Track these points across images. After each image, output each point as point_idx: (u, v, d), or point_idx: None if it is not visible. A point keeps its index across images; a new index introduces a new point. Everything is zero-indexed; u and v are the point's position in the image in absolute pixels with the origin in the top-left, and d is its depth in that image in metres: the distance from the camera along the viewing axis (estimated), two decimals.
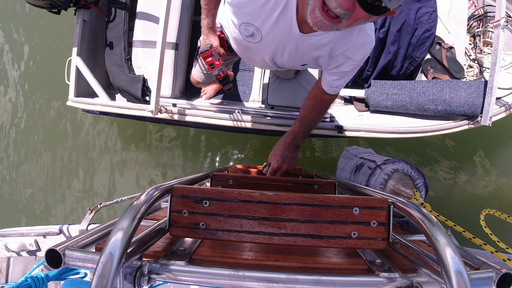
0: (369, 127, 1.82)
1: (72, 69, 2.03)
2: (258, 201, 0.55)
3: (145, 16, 2.01)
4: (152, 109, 1.75)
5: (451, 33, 1.93)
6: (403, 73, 1.94)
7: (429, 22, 1.80)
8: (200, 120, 1.91)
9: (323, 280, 0.49)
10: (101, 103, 2.02)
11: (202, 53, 1.22)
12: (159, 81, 1.71)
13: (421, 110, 1.77)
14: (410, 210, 0.50)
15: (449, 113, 1.73)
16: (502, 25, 1.58)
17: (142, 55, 2.03)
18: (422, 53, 1.87)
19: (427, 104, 1.73)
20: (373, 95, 1.83)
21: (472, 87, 1.68)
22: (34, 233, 1.22)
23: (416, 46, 1.85)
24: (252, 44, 1.04)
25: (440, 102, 1.71)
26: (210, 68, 1.28)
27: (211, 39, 1.24)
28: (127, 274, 0.47)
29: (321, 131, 1.84)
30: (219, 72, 1.31)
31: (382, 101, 1.82)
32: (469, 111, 1.68)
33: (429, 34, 1.83)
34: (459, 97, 1.68)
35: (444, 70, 1.87)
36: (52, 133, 2.87)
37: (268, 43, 1.01)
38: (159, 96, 1.76)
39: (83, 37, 2.05)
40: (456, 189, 2.43)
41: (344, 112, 1.97)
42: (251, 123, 1.88)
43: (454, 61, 1.86)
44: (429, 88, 1.74)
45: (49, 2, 1.82)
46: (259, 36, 0.98)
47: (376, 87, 1.83)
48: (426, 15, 1.80)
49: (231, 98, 2.21)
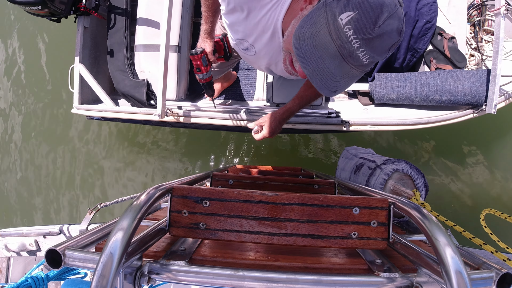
0: (375, 120, 1.82)
1: (75, 77, 2.03)
2: (258, 201, 0.55)
3: (146, 21, 2.01)
4: (159, 113, 1.75)
5: (452, 23, 1.94)
6: (406, 65, 1.94)
7: (430, 13, 1.81)
8: (206, 122, 1.91)
9: (323, 280, 0.49)
10: (106, 109, 2.01)
11: (192, 55, 1.25)
12: (165, 85, 1.71)
13: (426, 101, 1.78)
14: (410, 210, 0.50)
15: (453, 102, 1.73)
16: (503, 13, 1.59)
17: (145, 59, 2.03)
18: (424, 44, 1.88)
19: (432, 95, 1.74)
20: (377, 88, 1.83)
21: (476, 76, 1.69)
22: (34, 233, 1.22)
23: (418, 37, 1.86)
24: (248, 56, 1.07)
25: (444, 92, 1.72)
26: (197, 71, 1.31)
27: (205, 44, 1.27)
28: (127, 274, 0.47)
29: (327, 127, 1.84)
30: (203, 77, 1.34)
31: (386, 94, 1.82)
32: (473, 100, 1.69)
33: (430, 25, 1.83)
34: (463, 86, 1.69)
35: (447, 60, 1.87)
36: (53, 136, 2.86)
37: (262, 57, 1.03)
38: (165, 99, 1.76)
39: (84, 44, 2.04)
40: (456, 189, 2.43)
41: (348, 106, 1.97)
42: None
43: (456, 50, 1.86)
44: (433, 79, 1.75)
45: (49, 11, 1.80)
46: (253, 50, 1.00)
47: (380, 80, 1.84)
48: (426, 6, 1.80)
49: (235, 98, 2.21)
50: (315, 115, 1.83)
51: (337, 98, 2.09)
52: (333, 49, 0.62)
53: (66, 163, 2.85)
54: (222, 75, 1.71)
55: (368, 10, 0.58)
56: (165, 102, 1.76)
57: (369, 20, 0.58)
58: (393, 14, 0.59)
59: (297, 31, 0.65)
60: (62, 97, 2.83)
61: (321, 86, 0.67)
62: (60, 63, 2.79)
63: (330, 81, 0.66)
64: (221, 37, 1.30)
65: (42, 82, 2.91)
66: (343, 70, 0.64)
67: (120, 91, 2.04)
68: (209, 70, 1.32)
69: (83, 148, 2.83)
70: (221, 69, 1.60)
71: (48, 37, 2.93)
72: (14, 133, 2.95)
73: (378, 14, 0.58)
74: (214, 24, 1.23)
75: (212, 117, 1.90)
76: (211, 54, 1.29)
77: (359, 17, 0.58)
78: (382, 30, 0.59)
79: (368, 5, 0.58)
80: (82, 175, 2.83)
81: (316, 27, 0.63)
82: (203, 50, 1.25)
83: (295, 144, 2.65)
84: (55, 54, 2.91)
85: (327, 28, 0.61)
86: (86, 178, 2.82)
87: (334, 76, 0.65)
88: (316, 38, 0.63)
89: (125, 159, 2.78)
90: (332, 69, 0.64)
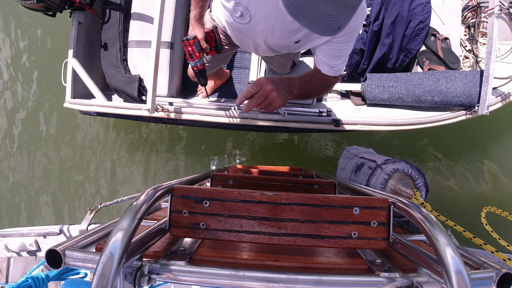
0: (366, 120, 1.82)
1: (69, 71, 2.04)
2: (258, 201, 0.55)
3: (140, 17, 2.02)
4: (148, 108, 1.76)
5: (446, 24, 1.94)
6: (398, 66, 1.94)
7: (423, 14, 1.81)
8: (197, 118, 1.91)
9: (323, 280, 0.49)
10: (98, 104, 2.02)
11: (184, 41, 1.24)
12: (155, 80, 1.72)
13: (418, 102, 1.78)
14: (410, 210, 0.50)
15: (446, 103, 1.73)
16: (496, 13, 1.59)
17: (138, 55, 2.04)
18: (417, 44, 1.88)
19: (424, 95, 1.74)
20: (370, 88, 1.83)
21: (468, 77, 1.68)
22: (34, 233, 1.22)
23: (411, 38, 1.85)
24: (243, 26, 1.04)
25: (436, 93, 1.71)
26: (189, 58, 1.29)
27: (196, 31, 1.26)
28: (127, 274, 0.47)
29: (318, 126, 1.84)
30: (196, 64, 1.31)
31: (378, 94, 1.82)
32: (466, 101, 1.68)
33: (423, 26, 1.83)
34: (456, 87, 1.69)
35: (440, 61, 1.87)
36: (47, 134, 2.86)
37: (257, 22, 1.00)
38: (155, 95, 1.77)
39: (78, 39, 2.05)
40: (456, 189, 2.43)
41: (341, 106, 1.97)
42: (248, 120, 1.89)
43: (450, 52, 1.86)
44: (425, 80, 1.74)
45: (44, 5, 1.81)
46: (248, 16, 0.98)
47: (372, 80, 1.84)
48: (419, 6, 1.80)
49: (228, 95, 2.22)
50: (306, 114, 1.83)
51: (329, 98, 2.09)
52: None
53: (65, 163, 2.85)
54: (214, 71, 1.71)
55: None
56: (155, 97, 1.77)
57: None
58: None
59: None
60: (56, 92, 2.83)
61: (323, 31, 0.65)
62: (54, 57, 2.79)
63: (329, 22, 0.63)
64: (212, 28, 1.31)
65: (41, 76, 2.91)
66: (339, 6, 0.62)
67: (112, 86, 2.05)
68: (201, 57, 1.31)
69: (82, 147, 2.83)
70: (213, 63, 1.60)
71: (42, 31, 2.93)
72: (9, 133, 2.95)
73: None
74: (203, 9, 1.22)
75: (203, 113, 1.90)
76: (203, 40, 1.28)
77: None
78: None
79: None
80: (82, 175, 2.83)
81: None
82: (195, 36, 1.25)
83: (295, 144, 2.65)
84: (49, 48, 2.91)
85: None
86: (86, 178, 2.82)
87: (332, 16, 0.63)
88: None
89: (125, 159, 2.78)
90: (328, 11, 0.62)
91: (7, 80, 2.97)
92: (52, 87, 2.86)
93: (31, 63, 2.93)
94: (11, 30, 2.97)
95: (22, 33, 2.95)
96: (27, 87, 2.92)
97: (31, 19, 2.93)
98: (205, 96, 2.09)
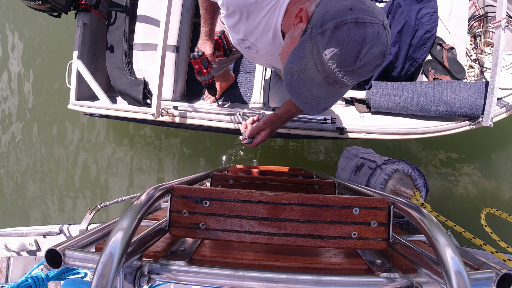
0: (371, 128, 1.82)
1: (73, 73, 2.03)
2: (258, 201, 0.55)
3: (146, 19, 2.01)
4: (153, 112, 1.75)
5: (452, 34, 1.93)
6: (404, 74, 1.94)
7: (430, 23, 1.80)
8: (201, 123, 1.91)
9: (323, 280, 0.49)
10: (102, 106, 2.01)
11: (192, 59, 1.26)
12: (160, 84, 1.71)
13: (422, 111, 1.77)
14: (410, 210, 0.50)
15: (450, 114, 1.73)
16: (503, 25, 1.58)
17: (143, 58, 2.03)
18: (423, 54, 1.87)
19: (428, 105, 1.73)
20: (374, 96, 1.83)
21: (473, 88, 1.68)
22: (34, 233, 1.22)
23: (417, 47, 1.85)
24: (250, 54, 1.08)
25: (441, 103, 1.71)
26: (198, 74, 1.33)
27: (206, 46, 1.27)
28: (127, 274, 0.47)
29: (322, 133, 1.84)
30: (205, 79, 1.37)
31: (383, 102, 1.82)
32: (470, 112, 1.68)
33: (430, 35, 1.83)
34: (460, 98, 1.68)
35: (445, 71, 1.87)
36: (51, 135, 2.87)
37: (264, 55, 1.05)
38: (160, 99, 1.76)
39: (83, 40, 2.05)
40: (456, 190, 2.43)
41: (345, 113, 1.97)
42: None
43: (455, 61, 1.85)
44: (430, 89, 1.74)
45: (50, 6, 1.81)
46: (255, 49, 1.02)
47: (377, 88, 1.83)
48: (427, 16, 1.80)
49: (233, 100, 2.21)
50: (310, 121, 1.81)
51: (333, 105, 2.08)
52: (319, 79, 0.67)
53: (65, 163, 2.85)
54: (221, 72, 1.71)
55: (349, 46, 0.61)
56: (160, 101, 1.76)
57: (351, 55, 0.61)
58: (375, 43, 0.61)
59: (286, 67, 0.70)
60: (61, 94, 2.84)
61: (311, 110, 0.74)
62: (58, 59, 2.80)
63: (319, 105, 0.72)
64: (220, 34, 1.31)
65: (45, 78, 2.91)
66: (330, 93, 0.70)
67: (117, 88, 2.04)
68: (210, 72, 1.33)
69: (82, 148, 2.83)
70: (220, 65, 1.61)
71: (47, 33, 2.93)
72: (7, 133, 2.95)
73: (359, 49, 0.61)
74: (213, 26, 1.23)
75: (207, 118, 1.90)
76: (211, 56, 1.30)
77: (341, 52, 0.61)
78: (364, 62, 0.62)
79: (349, 41, 0.61)
80: (82, 175, 2.83)
81: (303, 61, 0.67)
82: (202, 53, 1.26)
83: (295, 144, 2.65)
84: (54, 50, 2.91)
85: (313, 61, 0.66)
86: (86, 178, 2.82)
87: (322, 101, 0.72)
88: (303, 72, 0.68)
89: (125, 159, 2.78)
90: (320, 95, 0.70)
91: (11, 82, 2.98)
92: (56, 88, 2.86)
93: (35, 64, 2.94)
94: (23, 31, 2.98)
95: (35, 34, 2.96)
96: (33, 89, 2.92)
97: (39, 19, 2.94)
98: (214, 100, 2.09)
